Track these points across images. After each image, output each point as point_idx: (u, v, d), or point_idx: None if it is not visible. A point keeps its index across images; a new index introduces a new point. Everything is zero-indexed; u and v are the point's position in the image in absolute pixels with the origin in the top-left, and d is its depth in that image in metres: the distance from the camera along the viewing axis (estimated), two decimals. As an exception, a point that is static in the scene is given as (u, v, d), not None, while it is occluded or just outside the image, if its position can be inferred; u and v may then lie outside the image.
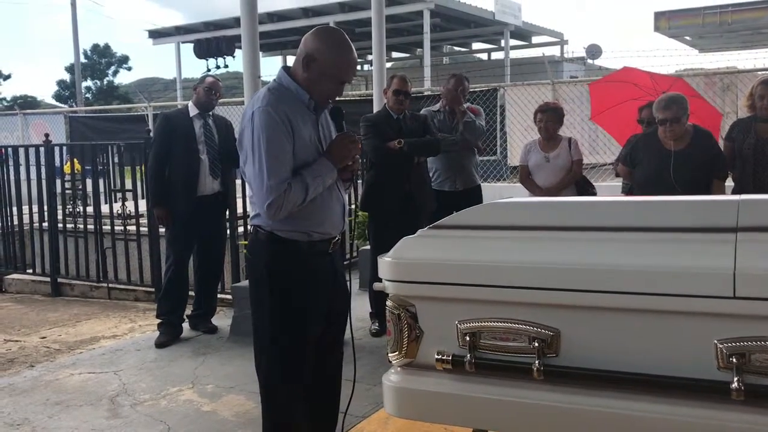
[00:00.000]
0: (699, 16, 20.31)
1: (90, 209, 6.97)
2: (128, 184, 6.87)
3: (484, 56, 30.37)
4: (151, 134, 5.57)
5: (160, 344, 4.84)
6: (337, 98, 2.61)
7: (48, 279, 7.17)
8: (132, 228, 6.49)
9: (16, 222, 7.52)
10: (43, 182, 7.07)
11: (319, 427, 2.75)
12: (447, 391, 1.89)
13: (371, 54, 6.67)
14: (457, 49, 30.80)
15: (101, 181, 7.06)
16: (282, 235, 2.50)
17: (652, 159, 4.22)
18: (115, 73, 43.02)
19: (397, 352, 1.95)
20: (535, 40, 27.66)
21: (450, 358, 1.85)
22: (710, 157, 4.19)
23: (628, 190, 5.10)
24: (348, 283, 2.76)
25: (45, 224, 7.18)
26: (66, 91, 40.10)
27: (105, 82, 42.12)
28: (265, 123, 2.38)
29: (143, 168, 6.34)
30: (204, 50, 11.09)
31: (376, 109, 5.94)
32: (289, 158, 2.41)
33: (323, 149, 2.53)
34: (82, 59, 33.31)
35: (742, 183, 4.40)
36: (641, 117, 5.19)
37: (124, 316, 6.08)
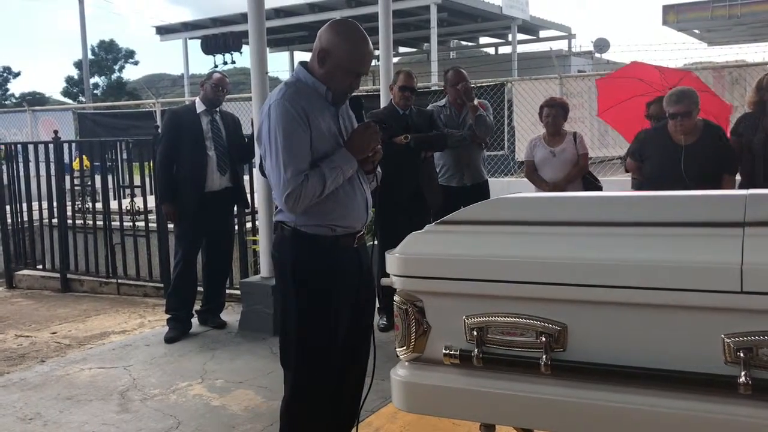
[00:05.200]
0: (708, 9, 20.19)
1: (99, 205, 7.01)
2: (137, 180, 6.89)
3: (491, 51, 30.25)
4: (159, 131, 5.59)
5: (169, 339, 4.87)
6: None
7: (58, 275, 7.21)
8: (141, 224, 6.53)
9: (25, 218, 7.56)
10: (53, 179, 7.10)
11: (340, 425, 2.75)
12: (455, 386, 1.89)
13: (378, 49, 6.65)
14: (464, 43, 30.70)
15: (110, 178, 7.09)
16: (306, 230, 2.49)
17: (662, 153, 4.21)
18: (122, 68, 43.19)
19: (404, 347, 1.96)
20: (542, 34, 27.52)
21: (457, 352, 1.86)
22: (720, 152, 4.18)
23: (638, 186, 5.09)
24: (375, 276, 2.74)
25: (54, 220, 7.22)
26: (74, 88, 40.27)
27: (112, 78, 42.25)
28: (281, 116, 2.39)
29: (152, 164, 6.37)
30: (211, 46, 11.07)
31: (382, 104, 5.93)
32: (305, 150, 2.40)
33: (344, 141, 2.53)
34: (90, 56, 33.39)
35: (754, 180, 4.37)
36: (649, 112, 5.17)
37: (133, 312, 6.12)
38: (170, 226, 5.52)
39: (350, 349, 2.65)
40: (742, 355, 1.58)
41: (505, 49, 27.47)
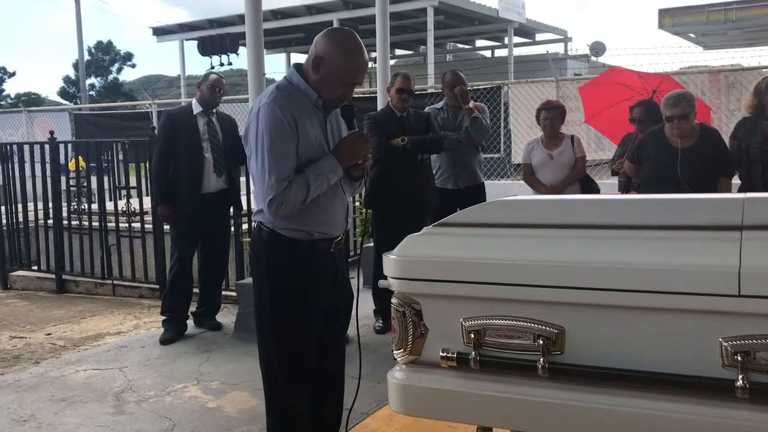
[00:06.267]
0: (703, 13, 20.23)
1: (95, 206, 6.99)
2: (133, 181, 6.88)
3: (487, 53, 30.30)
4: (155, 132, 5.58)
5: (164, 341, 4.85)
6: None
7: (53, 276, 7.19)
8: (137, 225, 6.51)
9: (21, 219, 7.54)
10: (48, 179, 7.08)
11: (324, 425, 2.76)
12: (451, 389, 1.89)
13: (375, 51, 6.65)
14: (460, 46, 30.73)
15: (106, 179, 7.07)
16: (283, 233, 2.50)
17: (659, 156, 4.22)
18: (119, 70, 43.13)
19: (401, 350, 1.95)
20: (539, 37, 27.57)
21: (455, 355, 1.86)
22: (717, 155, 4.18)
23: (624, 188, 5.12)
24: (356, 280, 2.77)
25: (50, 221, 7.20)
26: (72, 88, 40.19)
27: (109, 79, 42.19)
28: (269, 120, 2.39)
29: (148, 165, 6.36)
30: (208, 47, 11.06)
31: (379, 106, 5.94)
32: (291, 156, 2.41)
33: (329, 148, 2.53)
34: (86, 56, 33.35)
35: (752, 183, 4.39)
36: (633, 116, 5.20)
37: (128, 313, 6.10)
38: (166, 227, 5.50)
39: (323, 351, 2.66)
40: (739, 358, 1.58)
41: (501, 52, 27.51)
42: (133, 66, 44.45)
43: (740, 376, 1.56)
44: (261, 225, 2.55)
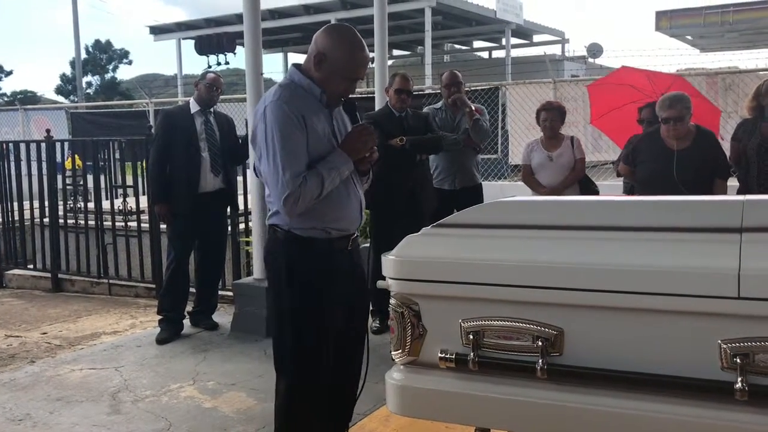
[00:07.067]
0: (700, 16, 20.30)
1: (91, 205, 6.97)
2: (129, 180, 6.86)
3: (485, 54, 30.33)
4: (153, 131, 5.57)
5: (161, 340, 4.84)
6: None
7: (49, 275, 7.16)
8: (133, 224, 6.49)
9: (17, 217, 7.51)
10: (45, 178, 7.06)
11: (334, 426, 2.74)
12: (450, 390, 1.89)
13: (373, 51, 6.64)
14: (458, 47, 30.75)
15: (102, 177, 7.05)
16: (300, 233, 2.48)
17: (655, 158, 4.23)
18: (116, 68, 43.11)
19: (400, 351, 1.95)
20: (536, 38, 27.61)
21: (453, 356, 1.85)
22: (712, 157, 4.20)
23: (629, 190, 5.11)
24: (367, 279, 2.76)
25: (46, 220, 7.17)
26: (68, 85, 40.15)
27: (106, 78, 42.16)
28: (277, 117, 2.37)
29: (144, 164, 6.34)
30: (205, 47, 11.04)
31: (378, 106, 5.93)
32: (303, 152, 2.39)
33: (338, 143, 2.52)
34: (83, 55, 33.28)
35: (748, 184, 4.41)
36: (641, 117, 5.20)
37: (125, 312, 6.08)
38: (163, 226, 5.49)
39: (342, 350, 2.64)
40: (738, 361, 1.58)
41: (499, 53, 27.55)
42: (130, 63, 44.50)
43: (739, 379, 1.56)
44: (276, 227, 2.53)
